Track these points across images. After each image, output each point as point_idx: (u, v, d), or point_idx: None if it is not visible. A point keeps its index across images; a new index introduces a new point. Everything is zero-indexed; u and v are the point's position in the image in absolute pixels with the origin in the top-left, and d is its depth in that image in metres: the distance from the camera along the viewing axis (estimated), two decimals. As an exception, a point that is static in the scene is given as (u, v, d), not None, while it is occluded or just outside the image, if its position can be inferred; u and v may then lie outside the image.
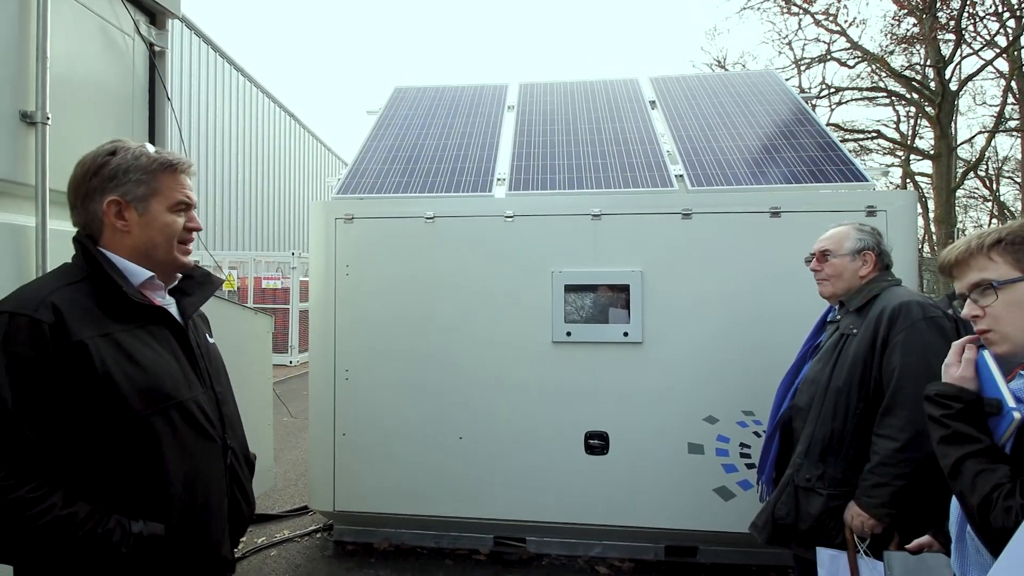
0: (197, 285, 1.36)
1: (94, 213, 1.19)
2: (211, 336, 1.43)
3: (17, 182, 1.59)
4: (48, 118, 1.63)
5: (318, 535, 3.47)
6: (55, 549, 1.00)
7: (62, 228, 1.74)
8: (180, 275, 1.33)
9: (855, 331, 1.87)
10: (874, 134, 17.01)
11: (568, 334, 3.02)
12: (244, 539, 3.40)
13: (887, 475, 1.70)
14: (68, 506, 1.02)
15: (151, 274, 1.22)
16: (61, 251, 1.69)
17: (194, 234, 1.30)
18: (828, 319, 2.10)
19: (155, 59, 2.21)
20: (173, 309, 1.28)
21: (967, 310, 1.15)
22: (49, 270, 1.61)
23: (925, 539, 1.50)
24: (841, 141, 3.69)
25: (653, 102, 4.21)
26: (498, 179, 3.40)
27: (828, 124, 15.35)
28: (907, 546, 1.52)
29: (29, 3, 1.63)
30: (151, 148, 1.25)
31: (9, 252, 1.57)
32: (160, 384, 1.15)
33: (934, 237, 15.65)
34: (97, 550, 1.03)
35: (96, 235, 1.20)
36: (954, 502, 1.21)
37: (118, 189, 1.19)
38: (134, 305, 1.16)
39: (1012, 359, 1.10)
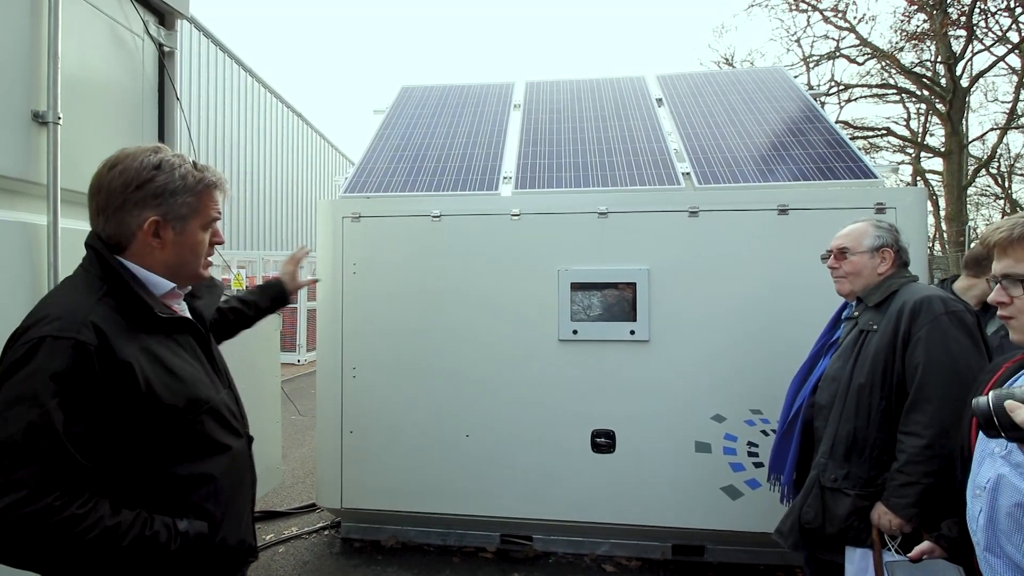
0: (206, 289, 1.39)
1: (127, 225, 1.16)
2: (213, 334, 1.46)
3: (29, 181, 1.61)
4: (59, 118, 1.65)
5: (326, 532, 3.49)
6: (107, 557, 1.03)
7: (73, 227, 1.76)
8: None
9: (875, 327, 1.84)
10: (884, 131, 16.86)
11: (574, 332, 3.01)
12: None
13: (916, 473, 1.66)
14: (115, 515, 1.04)
15: (173, 285, 1.23)
16: (72, 249, 1.71)
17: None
18: (844, 315, 2.07)
19: (164, 59, 2.23)
20: (186, 313, 1.30)
21: (994, 295, 1.17)
22: (61, 270, 1.63)
23: (926, 545, 1.47)
24: (850, 138, 3.66)
25: (660, 100, 4.20)
26: (504, 177, 3.40)
27: (837, 121, 15.22)
28: (908, 554, 1.50)
29: (40, 4, 1.65)
30: (190, 162, 1.22)
31: (21, 250, 1.59)
32: (194, 391, 1.18)
33: (945, 235, 15.51)
34: (147, 552, 1.06)
35: (122, 244, 1.18)
36: (970, 506, 1.18)
37: (160, 208, 1.16)
38: (155, 316, 1.16)
39: None
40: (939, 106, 14.35)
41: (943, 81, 14.11)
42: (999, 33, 13.30)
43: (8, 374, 1.01)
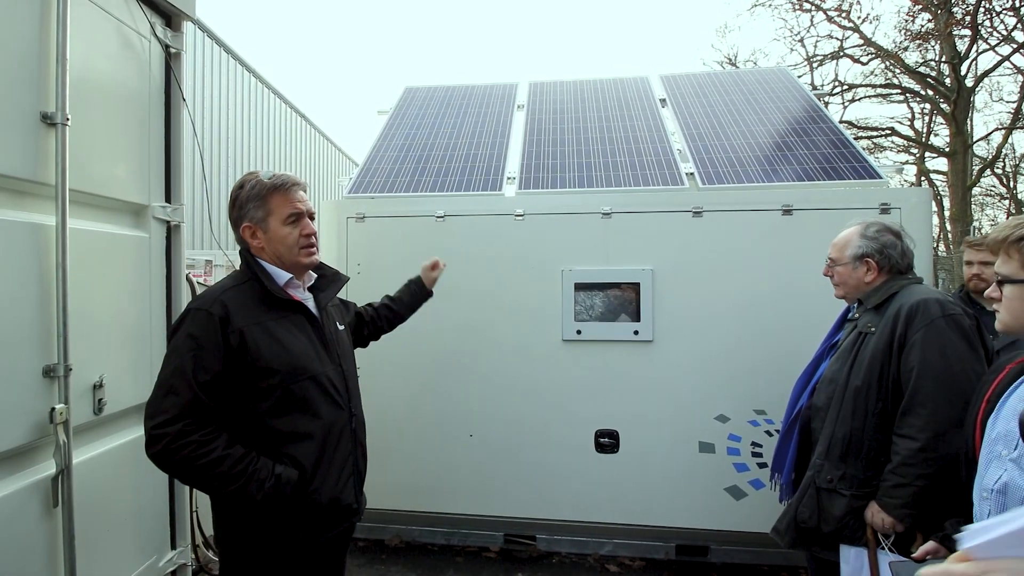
0: (329, 282, 1.70)
1: (240, 235, 1.56)
2: (341, 324, 1.74)
3: (38, 182, 1.62)
4: (68, 119, 1.66)
5: (330, 532, 3.49)
6: (217, 477, 1.35)
7: (81, 227, 1.77)
8: (315, 274, 1.67)
9: (873, 329, 1.84)
10: (888, 131, 16.80)
11: (578, 332, 3.02)
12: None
13: (909, 475, 1.67)
14: (229, 447, 1.37)
15: (290, 276, 1.56)
16: (80, 249, 1.73)
17: (313, 238, 1.59)
18: (848, 317, 2.08)
19: (171, 61, 2.24)
20: (311, 303, 1.61)
21: (990, 290, 1.26)
22: (69, 270, 1.65)
23: (930, 545, 1.47)
24: (854, 139, 3.66)
25: (663, 100, 4.20)
26: (508, 178, 3.41)
27: (841, 121, 15.20)
28: (913, 555, 1.50)
29: (49, 6, 1.66)
30: (266, 175, 1.54)
31: (30, 250, 1.60)
32: (297, 360, 1.47)
33: (949, 236, 15.46)
34: (248, 481, 1.37)
35: (249, 248, 1.56)
36: (977, 508, 1.18)
37: (247, 216, 1.53)
38: (279, 299, 1.50)
39: (1017, 335, 1.26)
40: (944, 106, 14.29)
41: (947, 81, 14.05)
42: (1004, 33, 13.22)
43: (172, 332, 1.44)
